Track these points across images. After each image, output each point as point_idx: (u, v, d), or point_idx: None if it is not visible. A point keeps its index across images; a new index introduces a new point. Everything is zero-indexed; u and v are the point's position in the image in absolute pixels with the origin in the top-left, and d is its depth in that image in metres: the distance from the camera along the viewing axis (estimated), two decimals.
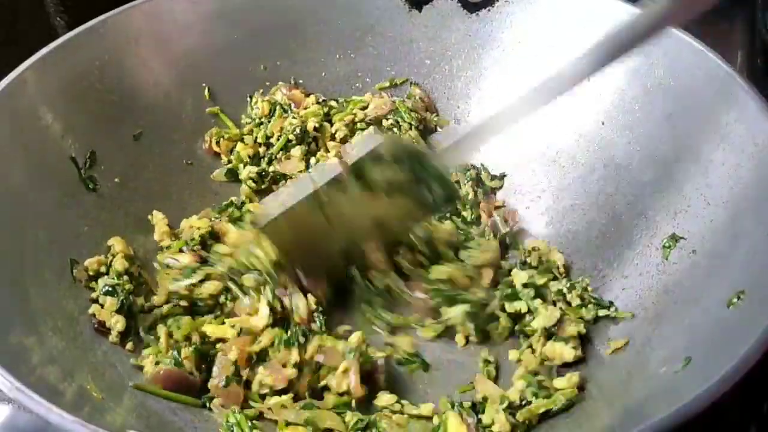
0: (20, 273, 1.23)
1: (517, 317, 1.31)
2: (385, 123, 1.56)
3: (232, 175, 1.56)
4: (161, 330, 1.29)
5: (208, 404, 1.21)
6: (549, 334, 1.28)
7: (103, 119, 1.46)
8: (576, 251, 1.42)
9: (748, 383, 0.98)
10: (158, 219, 1.45)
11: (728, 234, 1.21)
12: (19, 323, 1.15)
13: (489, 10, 1.57)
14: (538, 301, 1.30)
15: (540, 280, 1.33)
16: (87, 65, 1.44)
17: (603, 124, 1.45)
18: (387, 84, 1.64)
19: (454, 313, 1.31)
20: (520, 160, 1.54)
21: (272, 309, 1.29)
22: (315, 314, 1.32)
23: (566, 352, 1.25)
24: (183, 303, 1.33)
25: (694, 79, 1.33)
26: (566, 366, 1.26)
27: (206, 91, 1.57)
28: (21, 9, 1.71)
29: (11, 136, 1.32)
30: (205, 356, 1.25)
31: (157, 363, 1.24)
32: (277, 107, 1.57)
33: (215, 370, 1.22)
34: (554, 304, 1.31)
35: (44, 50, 1.39)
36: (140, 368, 1.25)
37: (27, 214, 1.29)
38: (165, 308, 1.32)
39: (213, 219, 1.46)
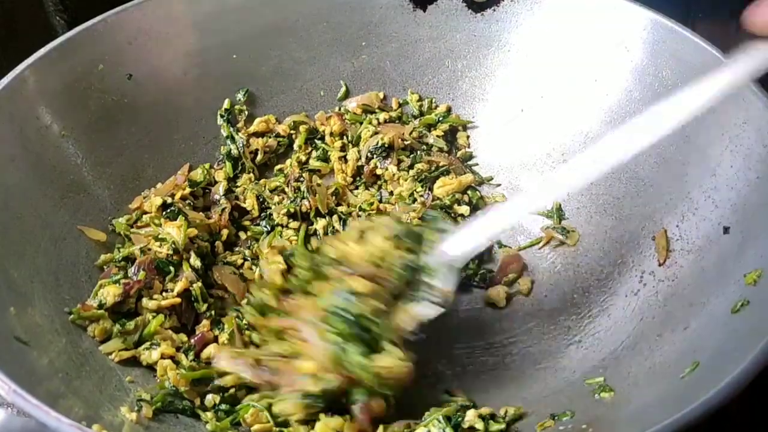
0: (19, 274, 1.22)
1: None
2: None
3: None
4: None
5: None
6: None
7: (103, 119, 1.45)
8: (582, 254, 1.41)
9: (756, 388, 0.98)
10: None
11: (735, 238, 1.20)
12: (18, 326, 1.14)
13: (494, 10, 1.56)
14: None
15: None
16: (86, 65, 1.43)
17: (610, 125, 1.44)
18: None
19: None
20: (526, 161, 1.54)
21: None
22: None
23: None
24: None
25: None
26: None
27: (206, 92, 1.56)
28: (20, 8, 1.70)
29: (11, 136, 1.31)
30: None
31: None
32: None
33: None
34: None
35: (43, 50, 1.38)
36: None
37: (27, 215, 1.28)
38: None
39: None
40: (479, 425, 1.15)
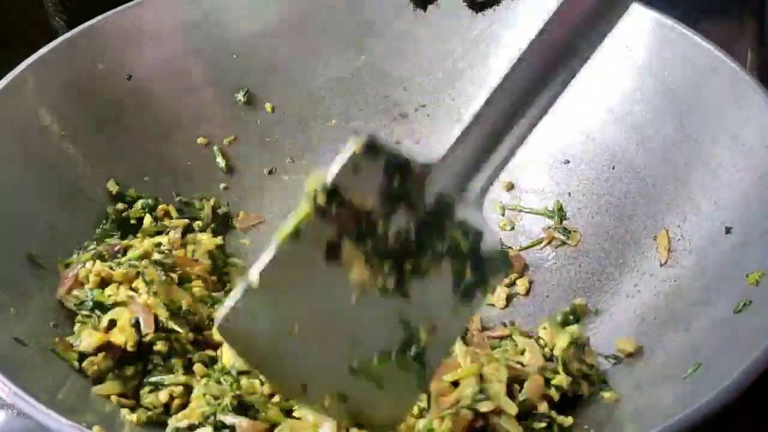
0: (20, 275, 1.22)
1: None
2: None
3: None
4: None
5: None
6: None
7: (103, 120, 1.45)
8: (584, 254, 1.41)
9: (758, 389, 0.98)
10: None
11: (738, 238, 1.20)
12: (18, 326, 1.14)
13: (495, 9, 1.55)
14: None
15: None
16: (86, 65, 1.44)
17: (611, 125, 1.44)
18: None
19: None
20: (526, 161, 1.52)
21: None
22: None
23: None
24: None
25: (703, 79, 1.32)
26: None
27: (206, 92, 1.56)
28: (20, 8, 1.70)
29: (10, 136, 1.31)
30: None
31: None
32: None
33: None
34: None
35: (43, 50, 1.39)
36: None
37: (27, 215, 1.28)
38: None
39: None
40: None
